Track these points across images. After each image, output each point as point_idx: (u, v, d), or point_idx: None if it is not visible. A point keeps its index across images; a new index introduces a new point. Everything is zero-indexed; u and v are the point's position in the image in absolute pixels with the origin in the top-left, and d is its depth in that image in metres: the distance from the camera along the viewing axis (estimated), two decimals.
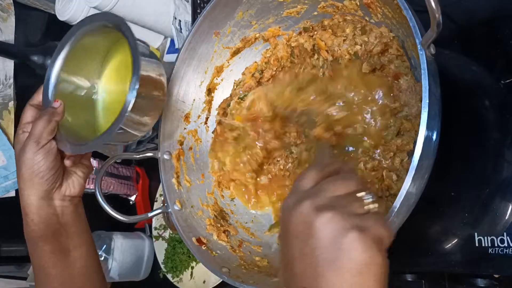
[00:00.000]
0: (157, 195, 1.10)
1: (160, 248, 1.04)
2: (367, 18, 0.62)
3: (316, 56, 0.69)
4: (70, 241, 0.63)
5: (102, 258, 1.02)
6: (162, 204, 0.70)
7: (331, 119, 0.64)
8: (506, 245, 0.54)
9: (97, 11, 1.02)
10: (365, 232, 0.36)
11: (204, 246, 0.66)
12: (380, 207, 0.40)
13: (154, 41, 1.18)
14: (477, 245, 0.56)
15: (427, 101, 0.42)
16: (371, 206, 0.39)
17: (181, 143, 0.74)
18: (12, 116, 1.15)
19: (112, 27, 0.59)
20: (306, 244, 0.38)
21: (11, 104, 1.15)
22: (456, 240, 0.58)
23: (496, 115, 0.60)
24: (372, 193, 0.40)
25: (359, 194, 0.40)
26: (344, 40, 0.65)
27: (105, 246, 1.02)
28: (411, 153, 0.57)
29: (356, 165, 0.59)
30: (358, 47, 0.63)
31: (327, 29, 0.68)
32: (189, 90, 0.74)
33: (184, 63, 0.71)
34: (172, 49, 1.14)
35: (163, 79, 0.57)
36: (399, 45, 0.60)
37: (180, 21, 1.03)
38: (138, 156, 0.73)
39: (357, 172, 0.58)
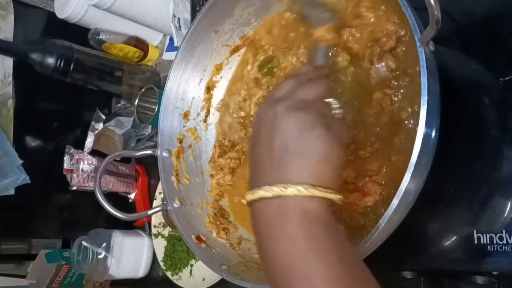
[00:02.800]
0: (157, 193, 1.10)
1: (160, 246, 1.04)
2: None
3: None
4: None
5: (102, 256, 1.02)
6: (161, 202, 0.70)
7: None
8: (505, 242, 0.54)
9: (96, 9, 1.02)
10: (330, 130, 0.41)
11: (204, 244, 0.66)
12: (344, 113, 0.46)
13: (153, 39, 1.18)
14: (476, 242, 0.56)
15: (426, 97, 0.42)
16: (337, 111, 0.45)
17: (181, 141, 0.74)
18: (11, 114, 1.15)
19: None
20: (275, 139, 0.42)
21: (10, 102, 1.15)
22: (455, 237, 0.58)
23: (496, 113, 0.60)
24: (338, 100, 0.45)
25: (327, 100, 0.45)
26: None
27: (104, 243, 1.02)
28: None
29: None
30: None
31: None
32: (188, 88, 0.74)
33: (183, 61, 0.71)
34: (172, 47, 1.14)
35: None
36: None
37: (179, 19, 1.03)
38: (137, 154, 0.73)
39: (331, 77, 0.56)
